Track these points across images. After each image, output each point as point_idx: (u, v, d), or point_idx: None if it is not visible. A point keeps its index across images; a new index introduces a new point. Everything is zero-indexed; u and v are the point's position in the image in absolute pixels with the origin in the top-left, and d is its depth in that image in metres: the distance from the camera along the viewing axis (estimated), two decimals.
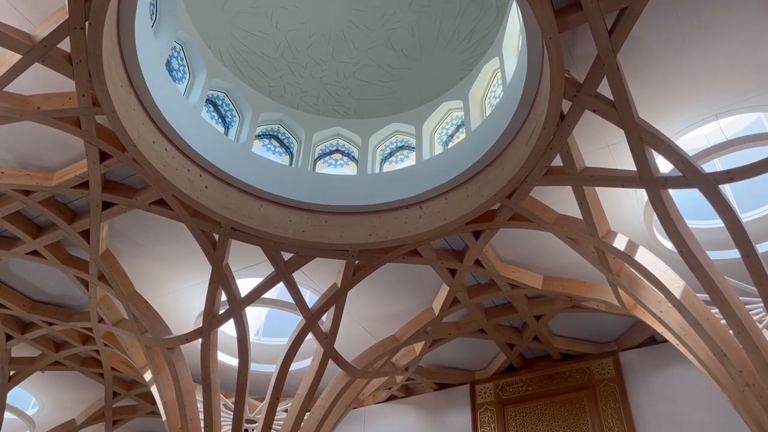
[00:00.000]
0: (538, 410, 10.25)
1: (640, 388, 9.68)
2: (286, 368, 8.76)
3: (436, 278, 8.80)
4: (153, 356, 9.05)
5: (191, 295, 9.17)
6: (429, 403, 11.46)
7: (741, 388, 6.04)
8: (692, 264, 5.99)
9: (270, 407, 8.72)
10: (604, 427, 9.51)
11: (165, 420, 9.14)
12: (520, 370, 10.72)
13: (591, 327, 9.94)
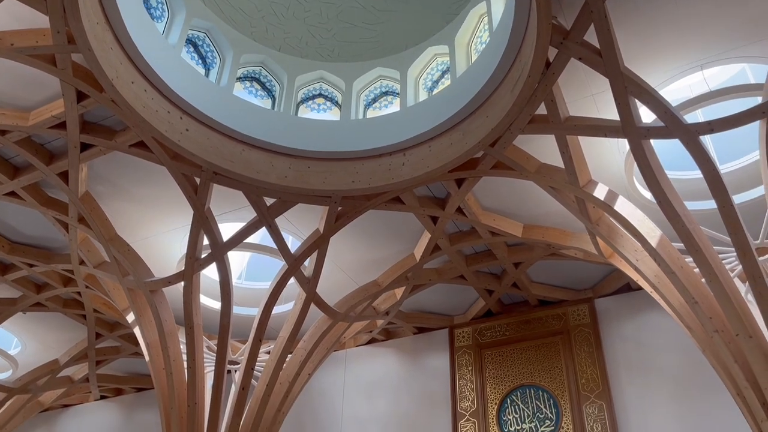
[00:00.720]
0: (515, 354, 10.54)
1: (614, 334, 10.00)
2: (268, 311, 8.87)
3: (418, 225, 8.86)
4: (135, 298, 9.10)
5: (173, 239, 9.17)
6: (409, 346, 11.72)
7: (710, 334, 6.25)
8: (669, 214, 6.09)
9: (252, 349, 8.86)
10: (578, 370, 9.84)
11: (148, 361, 9.28)
12: (498, 316, 10.97)
13: (568, 274, 10.15)
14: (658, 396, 9.20)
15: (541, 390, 10.03)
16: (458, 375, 10.80)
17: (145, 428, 13.31)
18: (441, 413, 10.61)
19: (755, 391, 5.83)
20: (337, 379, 11.91)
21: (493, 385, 10.43)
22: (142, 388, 13.83)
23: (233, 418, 8.69)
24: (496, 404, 10.21)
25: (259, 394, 9.01)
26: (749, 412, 6.01)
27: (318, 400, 11.84)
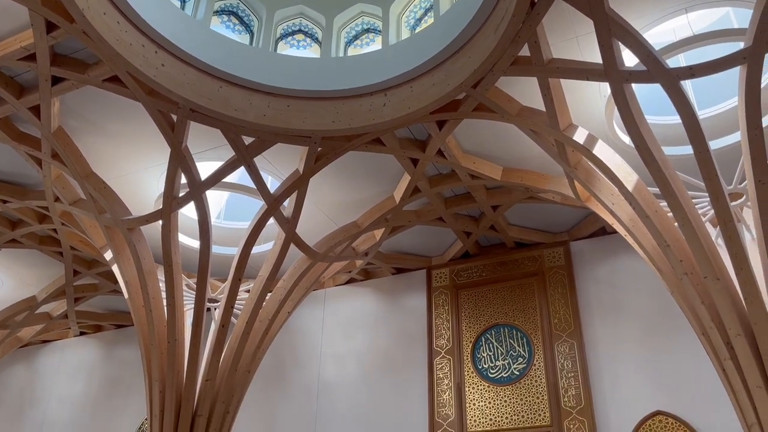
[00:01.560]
0: (490, 294, 10.78)
1: (587, 276, 10.25)
2: (247, 251, 8.90)
3: (398, 167, 8.85)
4: (113, 236, 9.05)
5: (150, 177, 9.06)
6: (387, 286, 11.91)
7: (680, 276, 6.44)
8: (647, 158, 6.16)
9: (232, 288, 8.93)
10: (551, 310, 10.12)
11: (127, 298, 9.32)
12: (475, 257, 11.15)
13: (545, 217, 10.29)
14: (627, 335, 9.53)
15: (514, 329, 10.32)
16: (435, 314, 11.04)
17: (126, 364, 13.50)
18: (417, 350, 10.90)
19: (720, 330, 6.06)
20: (316, 318, 12.11)
21: (468, 324, 10.69)
22: (122, 325, 13.95)
23: (213, 355, 8.84)
24: (471, 342, 10.50)
25: (238, 332, 9.14)
26: (713, 351, 6.26)
27: (297, 338, 12.06)
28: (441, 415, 10.09)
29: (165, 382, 8.63)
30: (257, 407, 11.41)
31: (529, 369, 9.87)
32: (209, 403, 8.66)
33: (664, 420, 8.76)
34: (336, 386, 11.29)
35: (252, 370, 9.36)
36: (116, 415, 12.94)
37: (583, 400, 9.25)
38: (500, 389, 9.93)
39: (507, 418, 9.66)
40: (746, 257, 5.89)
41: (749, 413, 5.81)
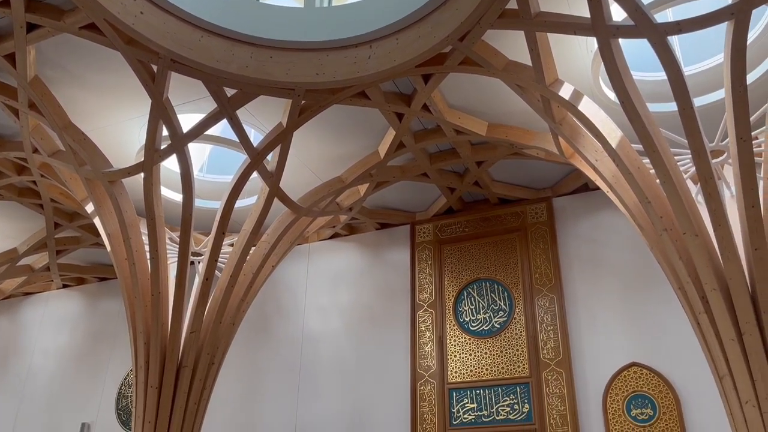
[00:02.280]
0: (473, 249, 10.89)
1: (569, 232, 10.38)
2: (230, 205, 8.85)
3: (383, 122, 8.78)
4: (94, 189, 8.95)
5: (130, 129, 8.92)
6: (371, 241, 11.97)
7: (659, 232, 6.54)
8: (631, 115, 6.16)
9: (215, 241, 8.92)
10: (532, 265, 10.27)
11: (110, 251, 9.28)
12: (459, 213, 11.22)
13: (529, 174, 10.34)
14: (606, 290, 9.72)
15: (496, 283, 10.47)
16: (418, 269, 11.15)
17: (109, 316, 13.55)
18: (400, 304, 11.05)
19: (696, 285, 6.20)
20: (301, 272, 12.19)
21: (450, 279, 10.83)
22: (105, 278, 13.93)
23: (197, 308, 8.88)
24: (453, 296, 10.65)
25: (222, 285, 9.17)
26: (688, 304, 6.42)
27: (282, 291, 12.15)
28: (423, 367, 10.31)
29: (149, 334, 8.68)
30: (242, 358, 11.56)
31: (510, 322, 10.07)
32: (194, 355, 8.75)
33: (638, 371, 9.03)
34: (320, 339, 11.45)
35: (236, 322, 9.44)
36: (101, 367, 13.06)
37: (561, 353, 9.48)
38: (481, 342, 10.13)
39: (487, 370, 9.89)
40: (725, 214, 5.99)
41: (721, 365, 6.00)
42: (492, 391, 9.74)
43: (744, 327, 5.83)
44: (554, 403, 9.24)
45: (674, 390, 8.71)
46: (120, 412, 12.44)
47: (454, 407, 9.86)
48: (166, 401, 8.44)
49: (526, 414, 9.38)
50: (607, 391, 9.07)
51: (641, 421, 8.74)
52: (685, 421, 8.51)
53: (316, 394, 10.98)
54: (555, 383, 9.34)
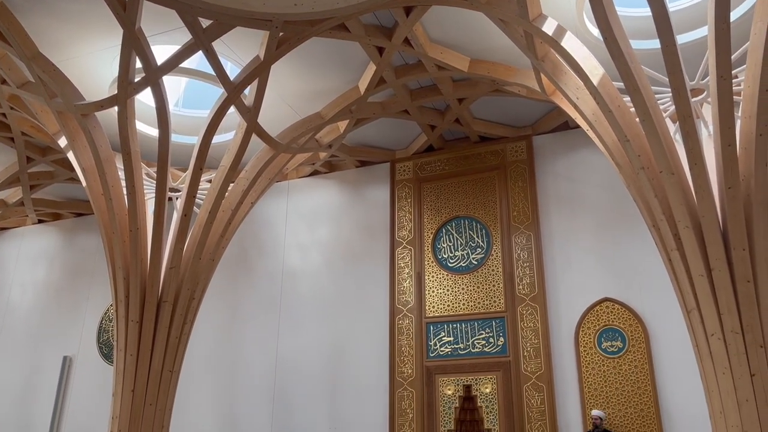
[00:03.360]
0: (452, 187, 10.94)
1: (548, 170, 10.44)
2: (208, 140, 8.71)
3: (364, 56, 8.60)
4: (66, 122, 8.73)
5: (103, 60, 8.63)
6: (351, 178, 11.94)
7: (637, 171, 6.60)
8: (614, 52, 6.09)
9: (193, 177, 8.82)
10: (510, 203, 10.36)
11: (85, 186, 9.14)
12: (439, 151, 11.19)
13: (510, 111, 10.29)
14: (581, 228, 9.89)
15: (474, 221, 10.58)
16: (398, 206, 11.20)
17: (87, 252, 13.49)
18: (380, 241, 11.14)
19: (669, 223, 6.32)
20: (280, 209, 12.17)
21: (430, 217, 10.91)
22: (81, 213, 13.79)
23: (176, 244, 8.86)
24: (432, 233, 10.76)
25: (201, 221, 9.13)
26: (661, 241, 6.55)
27: (261, 228, 12.16)
28: (401, 302, 10.50)
29: (129, 269, 8.67)
30: (223, 294, 11.66)
31: (487, 259, 10.23)
32: (174, 290, 8.79)
33: (610, 306, 9.30)
34: (300, 275, 11.56)
35: (216, 258, 9.45)
36: (81, 301, 13.10)
37: (536, 288, 9.70)
38: (458, 278, 10.31)
39: (464, 305, 10.12)
40: (701, 153, 6.04)
41: (690, 299, 6.19)
42: (468, 325, 9.99)
43: (714, 263, 5.98)
44: (528, 336, 9.53)
45: (644, 324, 9.01)
46: (101, 346, 12.57)
47: (432, 340, 10.12)
48: (147, 335, 8.53)
49: (500, 347, 9.67)
50: (579, 325, 9.36)
51: (611, 353, 9.07)
52: (653, 353, 8.86)
53: (296, 328, 11.17)
54: (530, 317, 9.60)
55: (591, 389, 9.00)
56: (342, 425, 10.25)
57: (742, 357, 5.72)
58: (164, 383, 8.57)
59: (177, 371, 8.85)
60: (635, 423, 8.62)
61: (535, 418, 9.09)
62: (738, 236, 5.93)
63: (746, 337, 5.76)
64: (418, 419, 9.70)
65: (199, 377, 11.23)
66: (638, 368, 8.86)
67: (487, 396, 9.49)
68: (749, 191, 5.98)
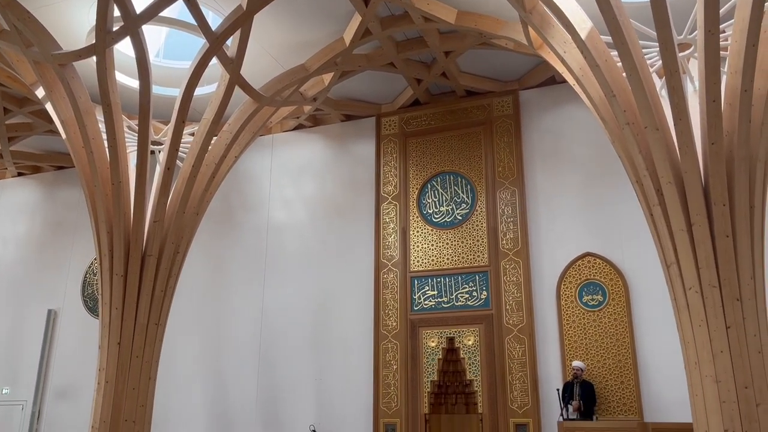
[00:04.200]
0: (438, 142, 10.90)
1: (534, 125, 10.43)
2: (190, 92, 8.55)
3: (349, 6, 8.41)
4: (43, 73, 8.50)
5: (79, 8, 8.36)
6: (336, 133, 11.84)
7: (622, 126, 6.60)
8: (602, 5, 6.01)
9: (176, 130, 8.69)
10: (496, 158, 10.37)
11: (65, 139, 8.98)
12: (425, 105, 11.10)
13: (496, 65, 10.19)
14: (565, 183, 9.95)
15: (459, 176, 10.58)
16: (383, 162, 11.16)
17: (69, 205, 13.35)
18: (365, 196, 11.14)
19: (652, 178, 6.36)
20: (264, 163, 12.08)
21: (415, 172, 10.89)
22: (62, 167, 13.59)
23: (160, 197, 8.78)
24: (417, 189, 10.77)
25: (185, 175, 9.03)
26: (644, 197, 6.61)
27: (245, 183, 12.09)
28: (386, 256, 10.57)
29: (112, 223, 8.60)
30: (208, 248, 11.66)
31: (472, 214, 10.29)
32: (158, 244, 8.75)
33: (592, 260, 9.44)
34: (285, 229, 11.57)
35: (200, 212, 9.40)
36: (64, 255, 13.03)
37: (519, 243, 9.80)
38: (443, 233, 10.38)
39: (448, 259, 10.21)
40: (686, 108, 6.04)
41: (669, 254, 6.29)
42: (452, 279, 10.11)
43: (694, 218, 6.06)
44: (511, 290, 9.67)
45: (624, 278, 9.17)
46: (86, 300, 12.58)
47: (416, 294, 10.25)
48: (132, 289, 8.53)
49: (483, 300, 9.82)
50: (561, 279, 9.51)
51: (591, 306, 9.25)
52: (632, 306, 9.05)
53: (281, 282, 11.24)
54: (512, 272, 9.73)
55: (571, 341, 9.21)
56: (327, 377, 10.43)
57: (719, 310, 5.85)
58: (150, 336, 8.62)
59: (163, 324, 8.89)
60: (613, 373, 8.87)
61: (517, 369, 9.31)
62: (719, 192, 5.99)
63: (723, 290, 5.88)
64: (402, 370, 9.89)
65: (185, 330, 11.31)
66: (617, 321, 9.06)
67: (469, 348, 9.68)
68: (732, 147, 6.02)
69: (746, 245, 5.96)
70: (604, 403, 8.77)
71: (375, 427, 9.80)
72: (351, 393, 10.18)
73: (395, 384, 9.88)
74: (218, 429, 10.76)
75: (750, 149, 6.06)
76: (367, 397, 10.03)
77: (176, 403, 10.98)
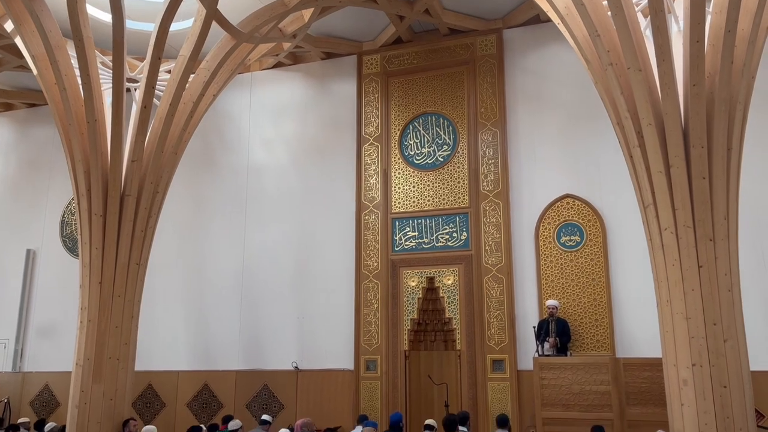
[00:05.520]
0: (420, 82, 10.76)
1: (517, 65, 10.32)
2: (165, 27, 8.29)
3: None
4: (11, 5, 8.16)
5: None
6: (316, 71, 11.62)
7: (605, 67, 6.56)
8: None
9: (152, 67, 8.46)
10: (478, 99, 10.29)
11: (37, 75, 8.72)
12: (408, 44, 10.90)
13: (480, 3, 10.01)
14: (547, 125, 9.94)
15: (442, 117, 10.51)
16: (365, 101, 11.02)
17: (44, 144, 13.08)
18: (346, 137, 11.04)
19: (633, 120, 6.38)
20: (243, 102, 11.87)
21: (397, 113, 10.79)
22: (35, 104, 13.22)
23: (137, 136, 8.63)
24: (399, 130, 10.69)
25: (162, 114, 8.87)
26: (624, 139, 6.64)
27: (224, 122, 11.90)
28: (367, 198, 10.58)
29: (89, 162, 8.47)
30: (187, 189, 11.56)
31: (453, 156, 10.28)
32: (137, 184, 8.67)
33: (571, 202, 9.55)
34: (265, 170, 11.48)
35: (179, 152, 9.28)
36: (41, 195, 12.85)
37: (500, 185, 9.86)
38: (424, 174, 10.38)
39: (429, 201, 10.26)
40: (670, 49, 6.01)
41: (647, 195, 6.38)
42: (433, 220, 10.19)
43: (673, 160, 6.12)
44: (490, 231, 9.78)
45: (602, 219, 9.32)
46: (65, 239, 12.49)
47: (397, 235, 10.33)
48: (111, 229, 8.48)
49: (463, 241, 9.94)
50: (540, 220, 9.63)
51: (569, 247, 9.42)
52: (609, 247, 9.23)
53: (263, 222, 11.24)
54: (492, 213, 9.82)
55: (548, 281, 9.40)
56: (309, 315, 10.59)
57: (692, 250, 6.00)
58: (131, 276, 8.64)
59: (144, 264, 8.91)
60: (588, 311, 9.12)
61: (494, 307, 9.52)
62: (698, 134, 6.04)
63: (697, 231, 6.01)
64: (383, 309, 10.07)
65: (167, 270, 11.34)
66: (594, 261, 9.25)
67: (449, 287, 9.86)
68: (713, 89, 6.04)
69: (722, 187, 6.06)
70: (578, 340, 9.05)
71: (356, 363, 10.05)
72: (333, 331, 10.38)
73: (376, 322, 10.07)
74: (201, 365, 10.95)
75: (731, 91, 6.08)
76: (348, 335, 10.23)
77: (160, 341, 11.12)
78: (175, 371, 11.04)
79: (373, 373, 9.92)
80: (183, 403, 10.91)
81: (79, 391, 8.12)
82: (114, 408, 8.14)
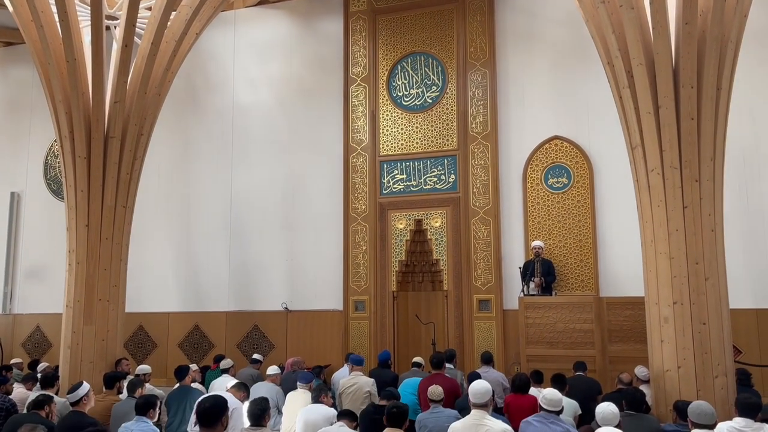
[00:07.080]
0: (409, 21, 10.52)
1: (507, 3, 10.11)
2: None
3: None
4: None
5: None
6: (302, 9, 11.32)
7: (596, 5, 6.42)
8: None
9: (131, 3, 8.17)
10: (468, 39, 10.10)
11: (12, 12, 8.41)
12: None
13: None
14: (538, 66, 9.82)
15: (431, 57, 10.34)
16: (352, 41, 10.80)
17: (23, 84, 12.77)
18: (333, 78, 10.86)
19: (624, 59, 6.29)
20: (227, 41, 11.58)
21: (385, 53, 10.59)
22: (11, 43, 12.82)
23: (119, 77, 8.41)
24: (387, 70, 10.52)
25: (144, 53, 8.61)
26: (614, 79, 6.57)
27: (208, 62, 11.64)
28: (355, 140, 10.51)
29: (70, 103, 8.26)
30: (172, 130, 11.40)
31: (442, 97, 10.17)
32: (121, 125, 8.50)
33: (559, 144, 9.55)
34: (251, 111, 11.32)
35: (162, 93, 9.07)
36: (22, 137, 12.63)
37: (489, 127, 9.81)
38: (413, 116, 10.29)
39: (417, 143, 10.20)
40: None
41: (635, 136, 6.37)
42: (421, 163, 10.16)
43: (662, 101, 6.08)
44: (478, 173, 9.79)
45: (589, 161, 9.34)
46: (50, 182, 12.36)
47: (385, 178, 10.31)
48: (96, 171, 8.36)
49: (451, 184, 9.95)
50: (528, 162, 9.64)
51: (556, 188, 9.47)
52: (595, 188, 9.29)
53: (249, 164, 11.15)
54: (481, 155, 9.80)
55: (535, 222, 9.49)
56: (298, 257, 10.67)
57: (678, 190, 6.04)
58: (118, 219, 8.58)
59: (131, 207, 8.84)
60: (573, 252, 9.26)
61: (481, 249, 9.63)
62: (688, 74, 5.98)
63: (683, 171, 6.04)
64: (371, 251, 10.16)
65: (154, 213, 11.30)
66: (581, 202, 9.32)
67: (436, 230, 9.93)
68: (705, 28, 5.95)
69: (710, 128, 6.06)
70: (563, 280, 9.22)
71: (345, 304, 10.20)
72: (322, 272, 10.48)
73: (364, 264, 10.17)
74: (191, 307, 11.07)
75: (723, 29, 6.00)
76: (337, 276, 10.34)
77: (150, 283, 11.18)
78: (166, 312, 11.17)
79: (362, 313, 10.09)
80: (174, 343, 11.09)
81: (71, 333, 8.19)
82: (106, 348, 8.23)
